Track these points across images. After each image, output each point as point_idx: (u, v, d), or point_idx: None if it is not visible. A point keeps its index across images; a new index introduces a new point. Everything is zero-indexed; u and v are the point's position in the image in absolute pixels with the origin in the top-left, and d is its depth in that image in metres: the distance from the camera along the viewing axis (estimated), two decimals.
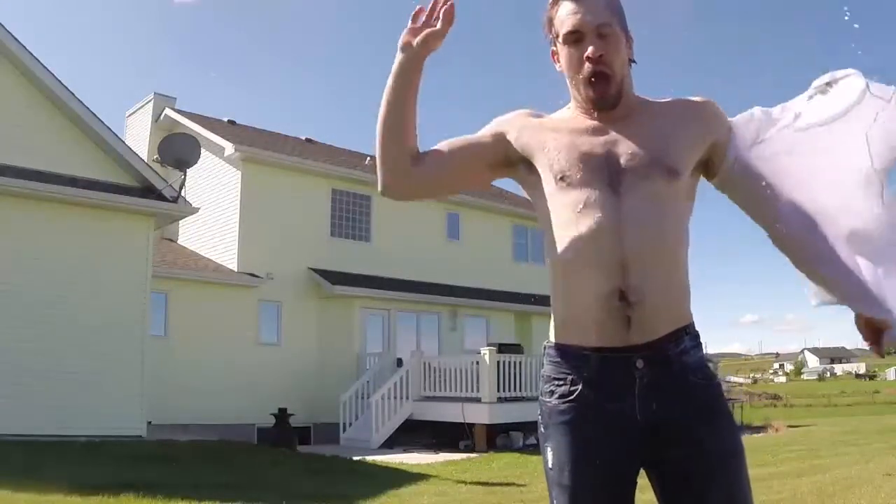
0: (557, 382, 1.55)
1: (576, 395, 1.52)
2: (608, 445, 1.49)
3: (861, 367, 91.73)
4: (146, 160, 13.15)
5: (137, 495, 6.21)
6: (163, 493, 6.33)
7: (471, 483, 8.67)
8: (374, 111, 1.61)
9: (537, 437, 1.62)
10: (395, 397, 13.86)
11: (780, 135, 1.53)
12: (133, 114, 18.87)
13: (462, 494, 7.79)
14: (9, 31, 10.62)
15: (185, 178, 11.68)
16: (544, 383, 1.58)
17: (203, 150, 12.77)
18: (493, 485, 8.55)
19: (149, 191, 11.57)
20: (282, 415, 13.16)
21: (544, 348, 1.62)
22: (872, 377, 78.85)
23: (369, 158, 19.08)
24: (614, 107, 1.55)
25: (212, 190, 16.18)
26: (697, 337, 1.55)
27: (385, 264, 16.75)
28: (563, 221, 1.53)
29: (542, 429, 1.57)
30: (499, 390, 13.18)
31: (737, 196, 1.61)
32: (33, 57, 10.82)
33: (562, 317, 1.57)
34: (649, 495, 1.58)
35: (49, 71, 10.92)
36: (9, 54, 10.64)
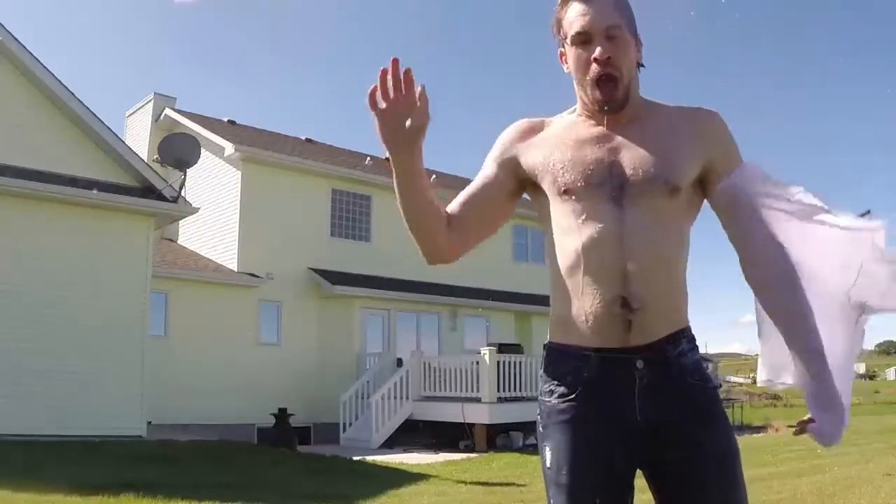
0: (557, 382, 1.55)
1: (576, 395, 1.52)
2: (607, 445, 1.49)
3: (861, 367, 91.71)
4: (146, 160, 13.16)
5: (137, 495, 6.22)
6: (163, 493, 6.33)
7: (471, 483, 8.67)
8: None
9: (536, 437, 1.63)
10: (395, 397, 13.86)
11: (786, 201, 1.48)
12: (133, 114, 18.87)
13: (462, 494, 7.79)
14: (9, 31, 10.63)
15: (185, 178, 11.69)
16: (544, 383, 1.59)
17: (203, 150, 12.78)
18: (493, 485, 8.55)
19: (149, 191, 11.58)
20: (282, 415, 13.17)
21: (544, 348, 1.63)
22: (872, 377, 78.72)
23: (369, 158, 19.08)
24: (621, 109, 1.55)
25: (212, 190, 16.18)
26: (694, 340, 1.57)
27: (385, 264, 16.74)
28: (566, 231, 1.55)
29: (541, 428, 1.58)
30: (499, 390, 13.19)
31: (722, 220, 1.59)
32: (33, 57, 10.83)
33: (562, 318, 1.58)
34: (649, 496, 1.58)
35: (49, 71, 10.93)
36: (9, 54, 10.65)
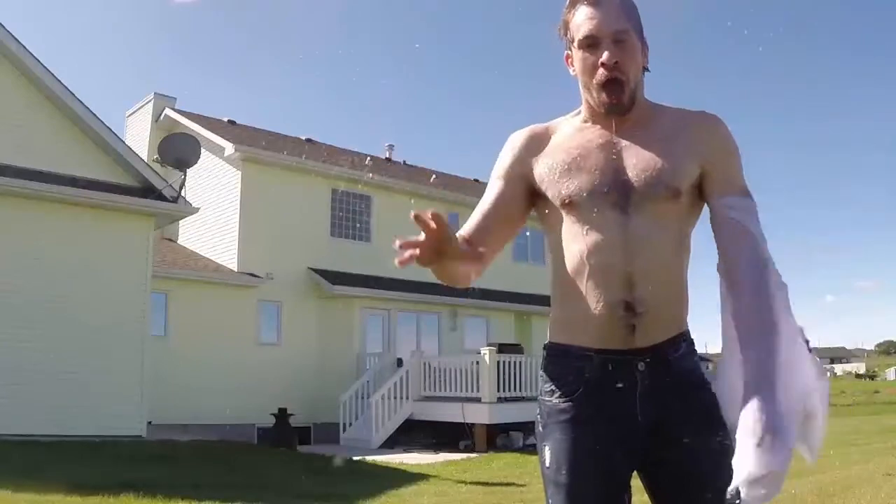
0: (558, 382, 1.56)
1: (577, 395, 1.53)
2: (607, 445, 1.50)
3: (861, 367, 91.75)
4: (146, 160, 13.15)
5: (137, 495, 6.22)
6: (163, 493, 6.34)
7: (471, 483, 8.67)
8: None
9: (536, 437, 1.63)
10: (395, 397, 13.86)
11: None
12: (133, 114, 18.86)
13: (462, 494, 7.79)
14: (9, 32, 10.63)
15: (185, 178, 11.69)
16: (544, 383, 1.59)
17: (203, 150, 12.77)
18: (493, 485, 8.55)
19: (149, 191, 11.57)
20: (282, 415, 13.17)
21: (544, 348, 1.63)
22: (872, 377, 78.82)
23: (369, 158, 19.09)
24: (626, 112, 1.55)
25: (212, 190, 16.17)
26: (693, 343, 1.59)
27: (385, 264, 16.65)
28: (571, 237, 1.55)
29: (541, 428, 1.58)
30: (499, 390, 13.18)
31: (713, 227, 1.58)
32: (33, 57, 10.82)
33: (565, 320, 1.58)
34: (648, 497, 1.58)
35: (49, 71, 10.92)
36: (9, 54, 10.64)
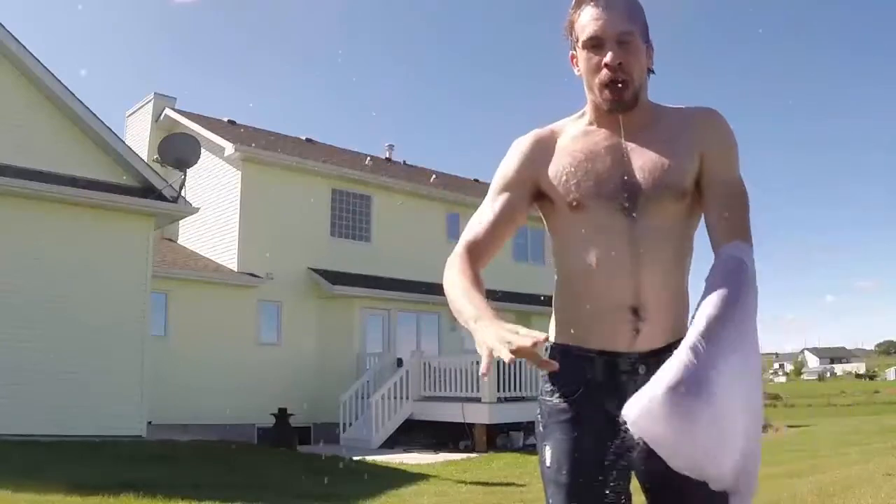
0: (559, 382, 1.56)
1: (577, 395, 1.53)
2: (607, 445, 1.50)
3: (861, 367, 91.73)
4: (146, 160, 13.15)
5: (137, 495, 6.22)
6: (163, 493, 6.33)
7: (471, 483, 8.67)
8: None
9: (536, 436, 1.64)
10: (395, 397, 13.86)
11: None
12: (133, 114, 18.86)
13: (462, 494, 7.79)
14: (9, 32, 10.63)
15: (185, 178, 11.68)
16: (545, 383, 1.60)
17: (203, 150, 12.76)
18: (493, 485, 8.56)
19: (149, 191, 11.57)
20: (282, 415, 13.17)
21: (546, 349, 1.63)
22: (872, 377, 78.87)
23: (369, 158, 19.09)
24: (629, 110, 1.55)
25: (212, 190, 16.17)
26: None
27: (385, 264, 16.74)
28: (577, 241, 1.55)
29: (541, 427, 1.59)
30: (499, 390, 13.17)
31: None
32: (33, 57, 10.82)
33: (567, 321, 1.59)
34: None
35: (49, 71, 10.92)
36: (9, 54, 10.64)
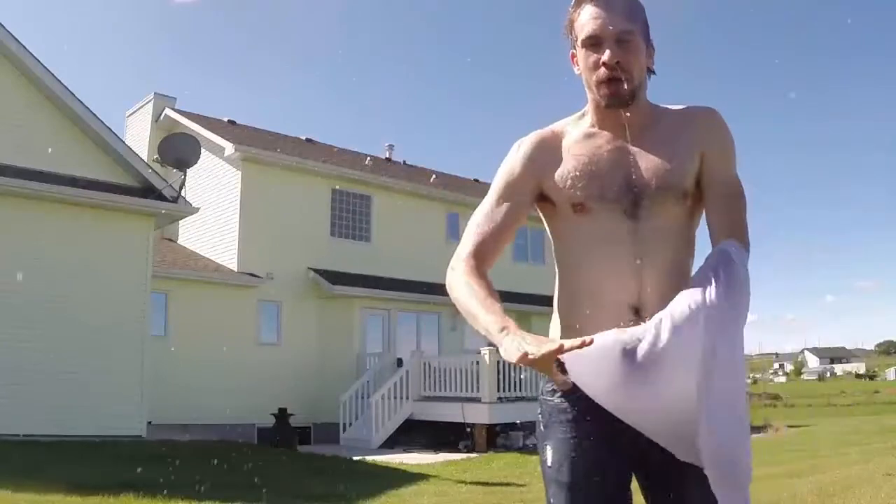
0: None
1: (578, 395, 1.52)
2: (608, 445, 1.50)
3: (861, 367, 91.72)
4: (146, 160, 13.16)
5: (137, 495, 6.22)
6: (163, 493, 6.33)
7: (471, 483, 8.67)
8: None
9: (537, 436, 1.63)
10: (395, 397, 13.86)
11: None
12: (133, 114, 18.86)
13: (462, 494, 7.79)
14: (9, 32, 10.63)
15: (185, 178, 11.68)
16: (546, 382, 1.59)
17: (203, 150, 12.76)
18: (493, 485, 8.55)
19: (149, 191, 11.57)
20: (282, 415, 13.17)
21: None
22: (872, 377, 78.85)
23: (369, 158, 19.08)
24: (626, 106, 1.55)
25: (212, 190, 16.17)
26: None
27: (385, 264, 16.74)
28: (580, 243, 1.56)
29: (542, 427, 1.59)
30: (499, 390, 13.18)
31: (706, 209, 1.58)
32: (33, 57, 10.83)
33: (569, 320, 1.59)
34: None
35: (49, 71, 10.93)
36: (9, 54, 10.64)
